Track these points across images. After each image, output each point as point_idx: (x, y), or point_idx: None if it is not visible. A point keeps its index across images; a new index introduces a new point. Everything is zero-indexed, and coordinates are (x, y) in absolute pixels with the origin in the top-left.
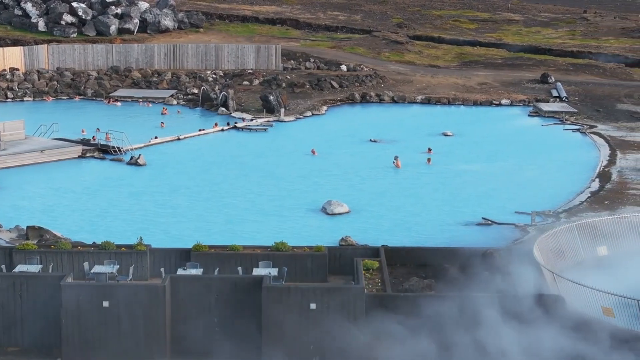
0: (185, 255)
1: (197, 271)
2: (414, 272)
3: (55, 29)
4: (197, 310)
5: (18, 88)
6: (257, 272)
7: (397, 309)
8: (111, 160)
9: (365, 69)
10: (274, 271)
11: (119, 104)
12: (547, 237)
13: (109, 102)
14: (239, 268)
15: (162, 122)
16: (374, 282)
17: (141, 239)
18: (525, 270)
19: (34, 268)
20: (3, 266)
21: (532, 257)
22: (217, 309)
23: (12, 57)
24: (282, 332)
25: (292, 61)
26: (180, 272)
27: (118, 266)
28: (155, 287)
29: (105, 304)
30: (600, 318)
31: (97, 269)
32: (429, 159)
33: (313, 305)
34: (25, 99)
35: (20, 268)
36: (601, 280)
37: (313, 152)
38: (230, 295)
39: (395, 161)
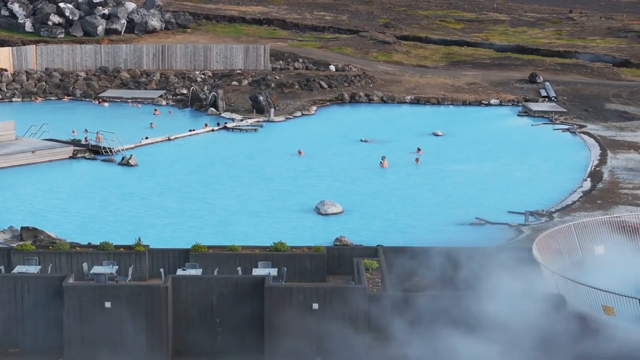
0: (184, 256)
1: (196, 271)
2: (413, 272)
3: (43, 30)
4: (198, 310)
5: (6, 89)
6: (256, 272)
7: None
8: (102, 160)
9: (354, 69)
10: (273, 271)
11: (106, 104)
12: (545, 237)
13: (99, 102)
14: (239, 268)
15: (152, 123)
16: (374, 282)
17: (139, 239)
18: (525, 269)
19: (33, 269)
20: (2, 267)
21: (532, 257)
22: (219, 310)
23: (0, 58)
24: (284, 332)
25: (281, 61)
26: (179, 272)
27: (117, 267)
28: (157, 288)
29: (108, 304)
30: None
31: (97, 269)
32: (417, 159)
33: (315, 306)
34: (13, 99)
35: (19, 269)
36: (600, 279)
37: (300, 152)
38: (232, 295)
39: (382, 161)
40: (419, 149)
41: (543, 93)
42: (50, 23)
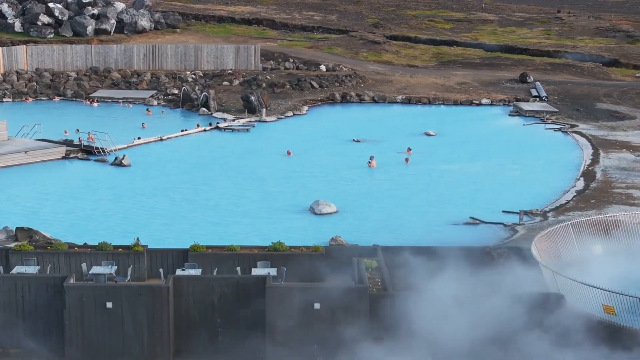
0: (182, 256)
1: (195, 271)
2: (412, 272)
3: (32, 30)
4: (200, 310)
5: None
6: (255, 272)
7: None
8: (95, 161)
9: (345, 69)
10: (272, 271)
11: (95, 104)
12: (544, 236)
13: (91, 102)
14: (238, 268)
15: (144, 123)
16: (374, 281)
17: (138, 239)
18: (525, 268)
19: (32, 269)
20: (0, 267)
21: (531, 256)
22: (220, 309)
23: None
24: (285, 332)
25: (271, 61)
26: (178, 272)
27: (116, 267)
28: (159, 288)
29: (109, 304)
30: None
31: (96, 269)
32: (407, 159)
33: (317, 305)
34: (4, 99)
35: (17, 269)
36: (598, 278)
37: (288, 153)
38: (233, 295)
39: (370, 161)
40: (409, 149)
41: (534, 93)
42: (39, 23)
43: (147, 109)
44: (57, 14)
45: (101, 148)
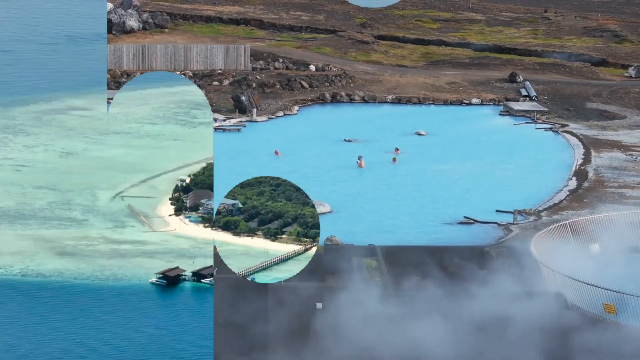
0: None
1: None
2: (411, 271)
3: None
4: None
5: None
6: None
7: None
8: None
9: (334, 69)
10: None
11: None
12: (542, 235)
13: None
14: None
15: None
16: (373, 281)
17: None
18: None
19: None
20: None
21: (530, 255)
22: (222, 310)
23: None
24: (288, 331)
25: (261, 61)
26: None
27: None
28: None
29: None
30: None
31: None
32: (394, 159)
33: (319, 305)
34: None
35: None
36: (596, 277)
37: (276, 153)
38: (235, 294)
39: (358, 161)
40: (397, 149)
41: (523, 92)
42: None
43: None
44: None
45: None
